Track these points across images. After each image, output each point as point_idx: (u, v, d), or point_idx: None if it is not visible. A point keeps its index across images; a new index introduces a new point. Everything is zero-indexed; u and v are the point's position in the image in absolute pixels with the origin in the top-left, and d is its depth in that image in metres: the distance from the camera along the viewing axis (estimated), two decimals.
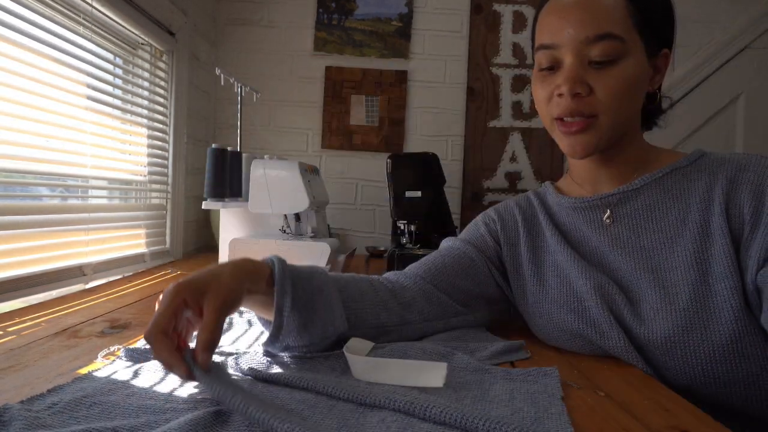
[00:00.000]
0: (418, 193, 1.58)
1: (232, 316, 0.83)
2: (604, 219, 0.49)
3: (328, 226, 1.66)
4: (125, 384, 0.52)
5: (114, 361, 0.60)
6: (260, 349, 0.64)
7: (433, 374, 0.54)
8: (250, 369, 0.58)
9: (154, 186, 1.58)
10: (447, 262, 0.81)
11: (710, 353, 0.62)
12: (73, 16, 1.16)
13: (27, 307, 0.88)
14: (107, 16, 1.31)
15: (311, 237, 1.26)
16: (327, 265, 1.16)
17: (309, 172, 1.30)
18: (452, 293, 0.79)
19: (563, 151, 0.74)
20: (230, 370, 0.58)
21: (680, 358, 0.64)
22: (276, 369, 0.60)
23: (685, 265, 0.66)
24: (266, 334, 0.62)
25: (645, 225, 0.71)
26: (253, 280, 0.58)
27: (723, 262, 0.64)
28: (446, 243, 0.88)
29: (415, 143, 2.06)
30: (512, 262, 0.82)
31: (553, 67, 0.70)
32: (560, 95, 0.69)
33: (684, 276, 0.66)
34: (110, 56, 1.39)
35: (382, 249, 1.90)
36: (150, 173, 1.54)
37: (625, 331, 0.68)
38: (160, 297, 0.53)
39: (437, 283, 0.79)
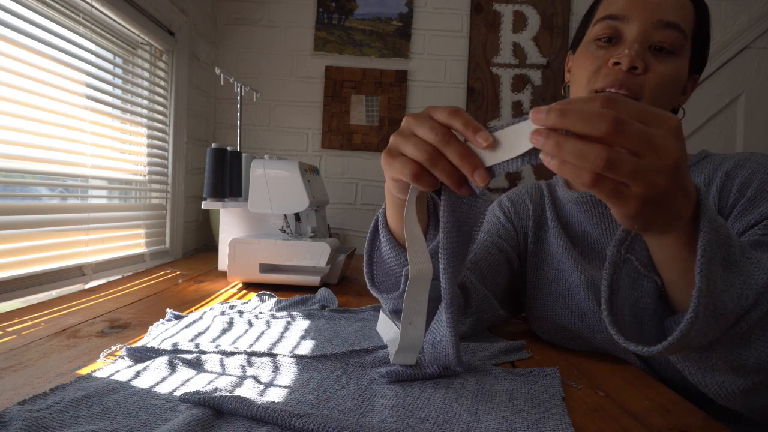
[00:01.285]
0: None
1: (232, 316, 0.83)
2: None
3: (328, 226, 1.66)
4: (126, 384, 0.52)
5: (116, 360, 0.60)
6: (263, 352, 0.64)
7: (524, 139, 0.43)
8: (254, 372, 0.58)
9: (154, 186, 1.58)
10: (479, 257, 0.79)
11: None
12: (73, 15, 1.16)
13: (27, 307, 0.88)
14: (107, 15, 1.31)
15: (311, 237, 1.26)
16: (327, 265, 1.16)
17: (309, 172, 1.30)
18: (489, 289, 0.78)
19: None
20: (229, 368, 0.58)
21: None
22: (280, 371, 0.60)
23: None
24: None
25: None
26: None
27: None
28: None
29: None
30: (521, 250, 0.84)
31: (612, 39, 0.70)
32: (615, 65, 0.67)
33: None
34: (110, 56, 1.39)
35: None
36: (150, 173, 1.54)
37: None
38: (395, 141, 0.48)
39: (478, 278, 0.77)
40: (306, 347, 0.69)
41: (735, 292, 0.44)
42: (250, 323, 0.80)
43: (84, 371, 0.57)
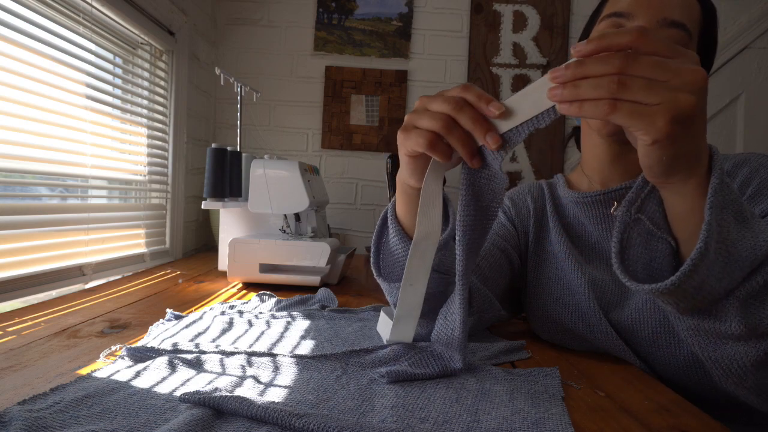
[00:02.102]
0: None
1: (232, 316, 0.83)
2: (612, 211, 0.49)
3: (328, 226, 1.66)
4: (126, 384, 0.52)
5: (116, 360, 0.60)
6: (263, 351, 0.64)
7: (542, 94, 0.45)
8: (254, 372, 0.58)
9: (154, 186, 1.58)
10: (480, 257, 0.79)
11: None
12: (73, 15, 1.16)
13: (27, 307, 0.88)
14: (107, 15, 1.31)
15: (311, 237, 1.26)
16: (327, 265, 1.16)
17: (309, 172, 1.30)
18: (491, 289, 0.78)
19: (593, 126, 0.73)
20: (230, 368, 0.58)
21: (665, 349, 0.65)
22: (280, 371, 0.60)
23: None
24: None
25: None
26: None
27: None
28: None
29: None
30: (522, 250, 0.83)
31: None
32: None
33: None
34: (110, 56, 1.39)
35: None
36: (150, 173, 1.54)
37: (612, 324, 0.69)
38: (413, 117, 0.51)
39: (479, 279, 0.77)
40: (306, 347, 0.69)
41: (748, 243, 0.45)
42: (250, 323, 0.80)
43: (84, 371, 0.57)
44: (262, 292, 1.06)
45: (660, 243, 0.50)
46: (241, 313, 0.86)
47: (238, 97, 1.49)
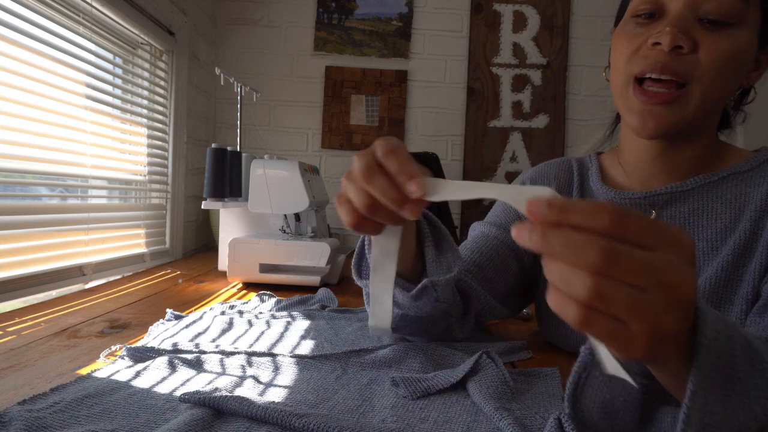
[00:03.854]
0: None
1: (232, 316, 0.83)
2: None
3: (328, 226, 1.66)
4: (126, 384, 0.52)
5: (116, 360, 0.60)
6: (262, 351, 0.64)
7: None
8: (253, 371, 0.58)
9: (154, 186, 1.58)
10: (485, 257, 0.73)
11: None
12: (73, 15, 1.16)
13: (27, 307, 0.88)
14: (107, 15, 1.31)
15: (311, 237, 1.26)
16: (327, 265, 1.16)
17: (309, 172, 1.30)
18: (493, 292, 0.72)
19: (629, 126, 0.63)
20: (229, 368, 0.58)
21: None
22: (280, 371, 0.60)
23: (717, 277, 0.61)
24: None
25: (689, 231, 0.63)
26: None
27: (755, 281, 0.59)
28: (480, 229, 0.78)
29: (415, 143, 2.07)
30: None
31: (654, 14, 0.60)
32: (655, 44, 0.57)
33: (712, 288, 0.61)
34: (110, 56, 1.39)
35: None
36: (150, 173, 1.54)
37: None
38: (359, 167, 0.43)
39: (481, 282, 0.71)
40: (306, 347, 0.69)
41: (737, 421, 0.35)
42: (250, 323, 0.80)
43: (84, 371, 0.57)
44: (262, 292, 1.06)
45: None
46: (241, 313, 0.86)
47: (238, 97, 1.49)
